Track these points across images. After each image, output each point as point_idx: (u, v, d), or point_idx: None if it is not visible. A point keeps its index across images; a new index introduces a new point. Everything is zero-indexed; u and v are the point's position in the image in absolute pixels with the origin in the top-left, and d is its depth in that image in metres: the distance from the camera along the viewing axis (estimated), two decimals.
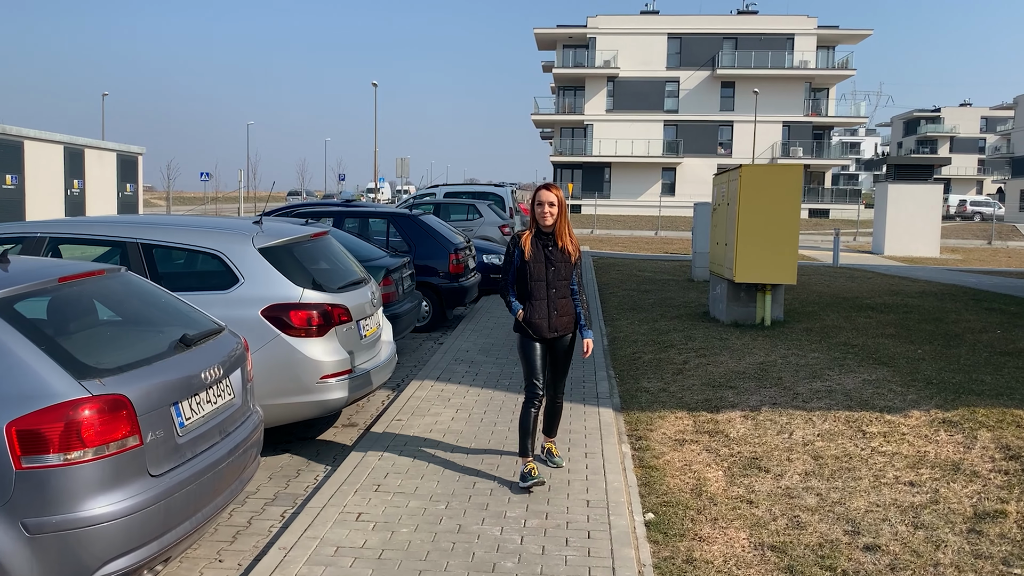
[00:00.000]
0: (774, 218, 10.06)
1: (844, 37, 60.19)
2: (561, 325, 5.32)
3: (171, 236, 6.24)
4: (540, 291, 5.26)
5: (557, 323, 5.30)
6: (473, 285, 11.82)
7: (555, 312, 5.28)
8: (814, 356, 8.39)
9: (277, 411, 6.01)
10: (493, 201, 21.23)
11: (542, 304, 5.26)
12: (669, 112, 60.13)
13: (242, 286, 6.03)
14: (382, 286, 8.84)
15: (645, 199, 59.53)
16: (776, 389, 7.27)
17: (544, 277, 5.25)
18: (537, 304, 5.27)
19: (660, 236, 38.31)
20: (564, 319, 5.33)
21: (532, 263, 5.25)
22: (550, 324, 5.28)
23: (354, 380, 6.24)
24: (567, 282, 5.32)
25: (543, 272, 5.25)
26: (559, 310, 5.29)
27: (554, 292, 5.26)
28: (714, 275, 11.67)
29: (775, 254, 10.11)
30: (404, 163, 38.33)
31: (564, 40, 61.34)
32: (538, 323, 5.27)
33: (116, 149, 27.53)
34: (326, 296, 6.18)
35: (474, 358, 9.17)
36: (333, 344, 6.14)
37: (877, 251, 29.80)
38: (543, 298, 5.26)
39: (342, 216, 11.74)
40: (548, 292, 5.26)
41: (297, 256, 6.43)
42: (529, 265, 5.26)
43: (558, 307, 5.28)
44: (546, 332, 5.29)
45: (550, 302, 5.26)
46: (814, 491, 5.11)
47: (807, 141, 59.48)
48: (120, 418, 3.46)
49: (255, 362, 5.84)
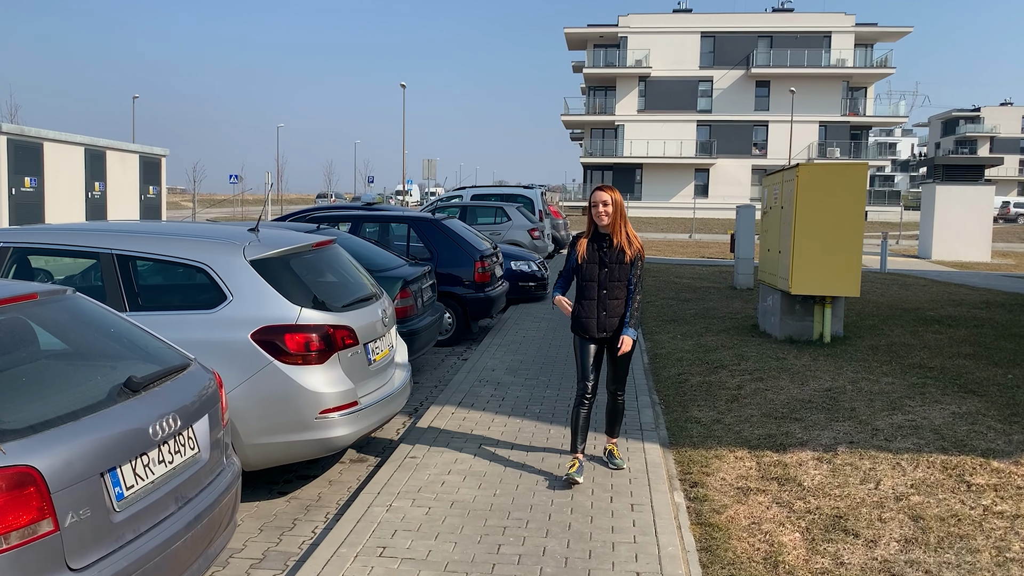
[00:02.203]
0: (836, 223, 9.04)
1: (883, 35, 58.58)
2: (612, 326, 5.32)
3: (151, 246, 5.39)
4: (591, 291, 5.31)
5: (607, 324, 5.31)
6: (500, 295, 10.91)
7: (604, 312, 5.29)
8: (888, 382, 7.37)
9: (269, 451, 5.15)
10: (522, 204, 20.28)
11: (591, 304, 5.31)
12: (702, 112, 58.89)
13: (230, 304, 5.16)
14: (399, 299, 7.96)
15: (678, 201, 58.30)
16: (851, 423, 6.27)
17: (595, 278, 5.29)
18: (587, 304, 5.33)
19: (695, 239, 37.12)
20: (614, 320, 5.32)
21: (585, 264, 5.33)
22: (599, 324, 5.31)
23: (361, 414, 5.35)
24: (621, 283, 5.29)
25: (595, 273, 5.29)
26: (608, 311, 5.29)
27: (604, 293, 5.28)
28: (764, 285, 10.66)
29: (836, 263, 9.08)
30: (431, 165, 37.52)
31: (595, 40, 60.35)
32: (586, 322, 5.33)
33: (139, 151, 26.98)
34: (328, 316, 5.30)
35: (500, 378, 8.25)
36: (336, 372, 5.25)
37: (924, 255, 28.46)
38: (593, 298, 5.30)
39: (360, 221, 10.88)
40: (599, 292, 5.29)
41: (296, 269, 5.55)
42: (582, 266, 5.34)
43: (608, 308, 5.29)
44: (595, 331, 5.32)
45: (600, 302, 5.29)
46: (921, 567, 4.11)
47: (844, 141, 57.93)
48: (25, 498, 2.60)
49: (244, 393, 4.98)
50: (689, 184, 59.18)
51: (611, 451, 5.67)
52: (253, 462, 5.16)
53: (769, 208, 10.57)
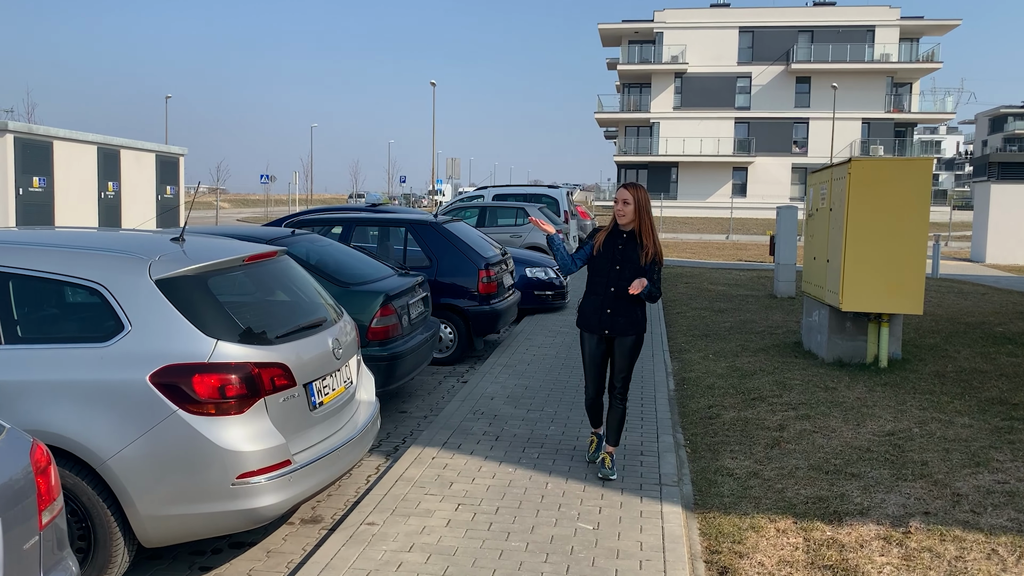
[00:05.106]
0: (895, 227, 7.72)
1: (929, 28, 56.39)
2: (616, 326, 5.17)
3: (35, 261, 4.26)
4: (598, 286, 5.21)
5: (611, 322, 5.17)
6: (509, 307, 9.71)
7: (609, 310, 5.16)
8: (964, 424, 6.05)
9: (174, 524, 4.01)
10: (546, 204, 19.04)
11: (596, 299, 5.21)
12: (740, 109, 57.16)
13: (127, 336, 4.04)
14: (379, 317, 6.81)
15: (714, 200, 56.62)
16: (923, 484, 4.98)
17: (605, 273, 5.17)
18: (592, 298, 5.23)
19: (732, 241, 35.56)
20: (620, 320, 5.16)
21: (598, 258, 5.20)
22: (601, 320, 5.18)
23: (295, 476, 4.19)
24: (631, 284, 5.05)
25: (606, 268, 5.16)
26: (614, 309, 5.15)
27: (612, 291, 5.14)
28: (810, 298, 9.34)
29: (896, 274, 7.76)
30: (455, 164, 36.49)
31: (630, 36, 58.91)
32: (589, 315, 5.24)
33: (155, 150, 26.25)
34: (253, 351, 4.15)
35: (499, 409, 7.06)
36: (260, 424, 4.10)
37: (977, 259, 26.71)
38: (599, 294, 5.20)
39: (352, 224, 9.75)
40: (607, 289, 5.16)
41: (217, 291, 4.40)
42: (596, 259, 5.21)
43: (613, 306, 5.15)
44: (596, 327, 5.21)
45: (605, 298, 5.16)
46: None
47: (888, 139, 55.82)
48: None
49: (140, 451, 3.87)
50: (726, 183, 57.48)
51: (604, 459, 5.34)
52: (154, 538, 4.03)
53: (815, 210, 9.24)
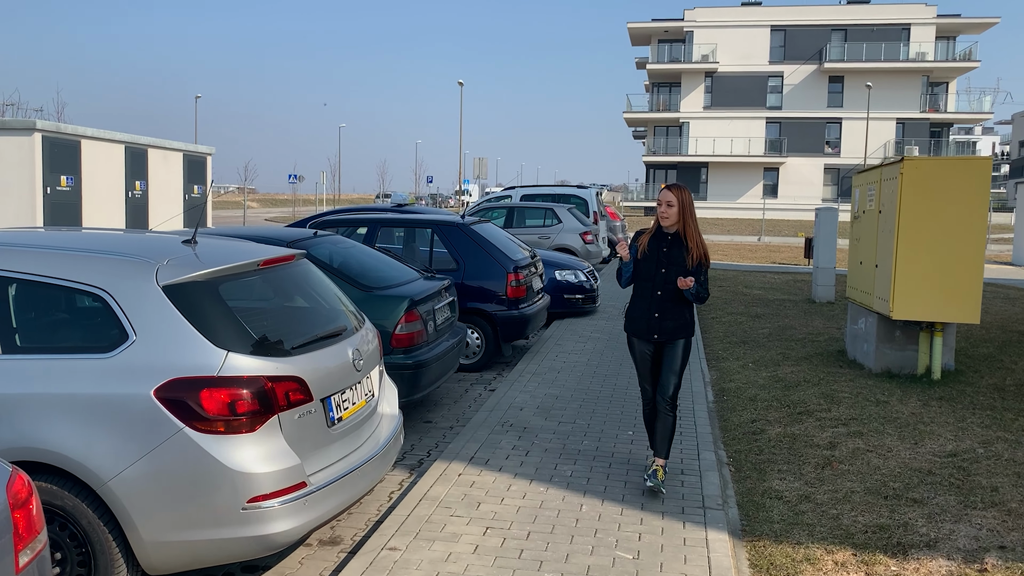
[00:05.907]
0: (951, 231, 7.27)
1: (967, 26, 55.26)
2: (664, 330, 5.09)
3: (34, 264, 3.97)
4: (645, 290, 5.15)
5: (659, 326, 5.09)
6: (538, 312, 9.35)
7: (656, 314, 5.09)
8: None
9: (181, 551, 3.70)
10: (575, 205, 18.63)
11: (643, 302, 5.15)
12: (772, 108, 56.36)
13: (131, 347, 3.73)
14: (403, 323, 6.48)
15: (745, 201, 55.89)
16: (996, 513, 4.56)
17: (651, 277, 5.11)
18: (638, 302, 5.18)
19: (764, 243, 34.92)
20: (668, 323, 5.08)
21: (643, 262, 5.13)
22: (649, 324, 5.11)
23: (311, 499, 3.87)
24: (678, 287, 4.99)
25: (651, 272, 5.10)
26: (662, 313, 5.08)
27: (660, 295, 5.08)
28: (855, 304, 8.88)
29: (951, 281, 7.31)
30: (481, 163, 36.17)
31: (659, 35, 58.33)
32: (636, 319, 5.19)
33: (183, 149, 26.18)
34: (267, 363, 3.83)
35: (528, 421, 6.70)
36: (274, 443, 3.78)
37: (1019, 262, 25.92)
38: (646, 297, 5.14)
39: (377, 225, 9.44)
40: (653, 293, 5.10)
41: (230, 297, 4.09)
42: (640, 263, 5.14)
43: (661, 310, 5.08)
44: (643, 332, 5.14)
45: (652, 302, 5.10)
46: None
47: (923, 139, 54.77)
48: None
49: (143, 472, 3.57)
50: (757, 184, 56.69)
51: (656, 471, 5.10)
52: (158, 565, 3.72)
53: (862, 212, 8.79)
